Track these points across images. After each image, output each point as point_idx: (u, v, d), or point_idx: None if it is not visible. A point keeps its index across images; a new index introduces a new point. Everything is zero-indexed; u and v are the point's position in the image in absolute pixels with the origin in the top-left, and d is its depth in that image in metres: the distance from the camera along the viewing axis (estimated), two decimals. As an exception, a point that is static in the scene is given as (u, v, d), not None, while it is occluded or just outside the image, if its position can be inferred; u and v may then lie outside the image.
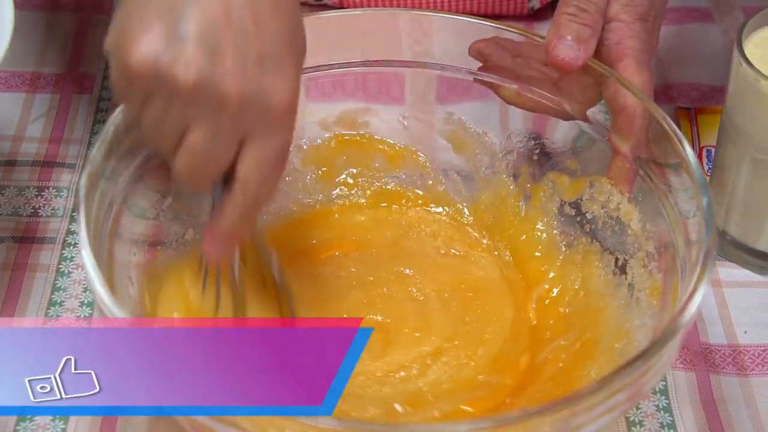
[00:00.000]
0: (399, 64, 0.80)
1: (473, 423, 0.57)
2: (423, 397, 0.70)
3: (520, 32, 0.77)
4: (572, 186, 0.77)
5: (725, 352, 0.78)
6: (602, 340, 0.71)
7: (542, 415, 0.56)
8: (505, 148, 0.80)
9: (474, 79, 0.79)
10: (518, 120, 0.79)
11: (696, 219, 0.66)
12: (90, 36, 1.02)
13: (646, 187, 0.72)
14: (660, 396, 0.75)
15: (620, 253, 0.74)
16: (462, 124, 0.81)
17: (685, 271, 0.65)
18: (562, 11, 0.74)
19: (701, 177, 0.67)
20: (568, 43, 0.72)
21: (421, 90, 0.81)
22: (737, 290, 0.82)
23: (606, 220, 0.75)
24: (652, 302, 0.70)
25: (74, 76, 0.98)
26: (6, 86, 0.97)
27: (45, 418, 0.72)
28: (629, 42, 0.74)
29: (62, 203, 0.87)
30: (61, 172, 0.89)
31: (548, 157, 0.79)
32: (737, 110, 0.78)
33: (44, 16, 1.03)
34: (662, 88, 0.98)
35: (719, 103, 0.88)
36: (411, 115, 0.82)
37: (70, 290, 0.81)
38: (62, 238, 0.84)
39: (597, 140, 0.76)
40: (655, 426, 0.74)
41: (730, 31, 1.03)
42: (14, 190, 0.88)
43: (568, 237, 0.78)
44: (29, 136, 0.92)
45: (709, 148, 0.90)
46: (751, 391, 0.76)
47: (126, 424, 0.72)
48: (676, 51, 1.02)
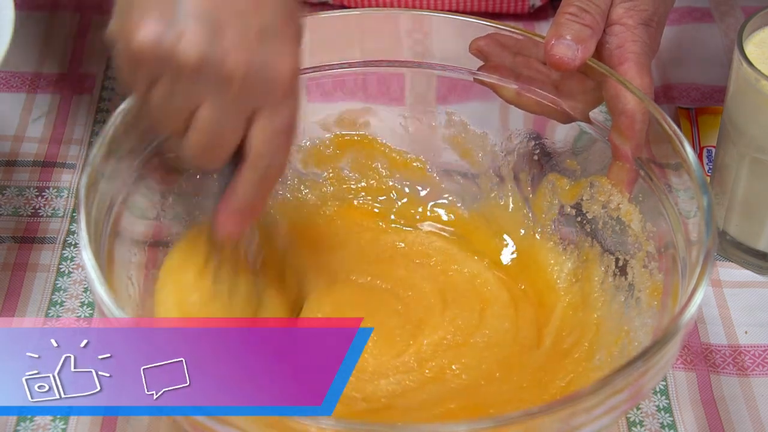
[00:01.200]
0: (399, 64, 0.80)
1: (473, 423, 0.57)
2: (424, 396, 0.70)
3: (520, 32, 0.77)
4: (571, 190, 0.77)
5: (726, 352, 0.78)
6: (602, 340, 0.71)
7: (542, 415, 0.56)
8: (505, 148, 0.80)
9: (474, 80, 0.79)
10: (519, 120, 0.79)
11: (696, 219, 0.66)
12: (90, 36, 1.02)
13: (646, 187, 0.72)
14: (660, 396, 0.75)
15: (621, 253, 0.74)
16: (463, 126, 0.81)
17: (686, 272, 0.65)
18: (563, 11, 0.74)
19: (701, 177, 0.67)
20: (567, 43, 0.72)
21: (421, 90, 0.81)
22: (737, 290, 0.82)
23: (606, 220, 0.75)
24: (653, 302, 0.70)
25: (74, 77, 0.98)
26: (6, 86, 0.97)
27: (45, 418, 0.72)
28: (631, 46, 0.74)
29: (62, 203, 0.87)
30: (62, 172, 0.89)
31: (549, 157, 0.79)
32: (737, 110, 0.78)
33: (44, 17, 1.03)
34: (663, 89, 0.98)
35: (719, 103, 0.88)
36: (411, 115, 0.82)
37: (70, 290, 0.81)
38: (62, 238, 0.84)
39: (597, 140, 0.76)
40: (656, 426, 0.74)
41: (730, 32, 1.03)
42: (14, 191, 0.88)
43: (569, 238, 0.78)
44: (29, 136, 0.93)
45: (710, 148, 0.90)
46: (751, 392, 0.76)
47: (126, 424, 0.72)
48: (676, 51, 1.02)
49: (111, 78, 0.98)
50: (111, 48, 0.62)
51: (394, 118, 0.82)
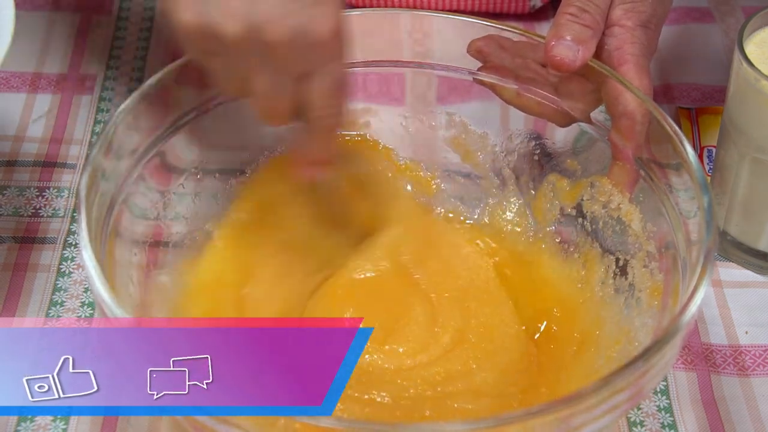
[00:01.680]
0: (400, 64, 0.80)
1: (473, 423, 0.57)
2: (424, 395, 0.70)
3: (520, 32, 0.77)
4: (571, 191, 0.77)
5: (726, 352, 0.78)
6: (603, 341, 0.71)
7: (543, 415, 0.56)
8: (506, 149, 0.80)
9: (474, 80, 0.78)
10: (519, 120, 0.79)
11: (697, 219, 0.66)
12: (91, 36, 1.02)
13: (647, 187, 0.72)
14: (661, 396, 0.75)
15: (621, 253, 0.74)
16: (464, 127, 0.81)
17: (686, 271, 0.65)
18: (563, 11, 0.73)
19: (702, 177, 0.67)
20: (567, 44, 0.72)
21: (421, 90, 0.81)
22: (738, 290, 0.82)
23: (607, 220, 0.75)
24: (653, 302, 0.69)
25: (75, 77, 0.98)
26: (7, 86, 0.97)
27: (45, 418, 0.72)
28: (630, 48, 0.74)
29: (63, 203, 0.87)
30: (62, 172, 0.89)
31: (549, 157, 0.79)
32: (738, 110, 0.78)
33: (45, 17, 1.03)
34: (663, 89, 0.98)
35: (720, 103, 0.88)
36: (412, 115, 0.82)
37: (70, 290, 0.81)
38: (63, 238, 0.84)
39: (597, 141, 0.75)
40: (656, 426, 0.74)
41: (730, 31, 1.03)
42: (15, 191, 0.88)
43: (570, 238, 0.78)
44: (30, 136, 0.92)
45: (710, 148, 0.90)
46: (751, 392, 0.76)
47: (126, 424, 0.72)
48: (676, 51, 1.02)
49: (111, 78, 0.98)
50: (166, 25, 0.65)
51: (395, 119, 0.82)
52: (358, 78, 0.80)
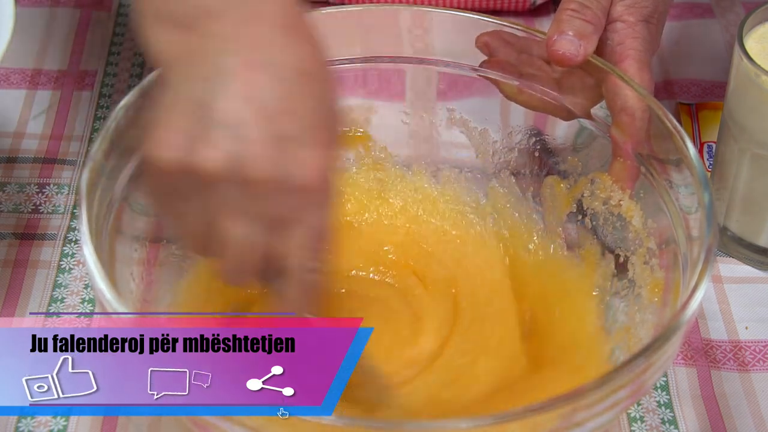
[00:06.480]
0: (400, 60, 0.80)
1: (474, 420, 0.57)
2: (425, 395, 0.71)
3: (522, 28, 0.77)
4: (572, 188, 0.77)
5: (726, 347, 0.78)
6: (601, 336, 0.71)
7: (544, 412, 0.56)
8: (506, 145, 0.80)
9: (477, 75, 0.78)
10: (519, 116, 0.79)
11: (697, 215, 0.66)
12: (91, 32, 1.02)
13: (647, 183, 0.72)
14: (661, 392, 0.75)
15: (622, 250, 0.74)
16: (464, 122, 0.81)
17: (687, 268, 0.65)
18: (565, 7, 0.73)
19: (702, 173, 0.67)
20: (569, 38, 0.72)
21: (421, 86, 0.81)
22: (738, 286, 0.82)
23: (607, 216, 0.75)
24: (654, 299, 0.70)
25: (75, 73, 0.98)
26: (7, 83, 0.97)
27: (46, 417, 0.72)
28: (631, 43, 0.74)
29: (63, 200, 0.87)
30: (62, 168, 0.89)
31: (549, 154, 0.79)
32: (738, 106, 0.78)
33: (45, 13, 1.03)
34: (663, 84, 0.98)
35: (720, 98, 0.88)
36: (412, 111, 0.82)
37: (71, 287, 0.81)
38: (63, 234, 0.84)
39: (598, 136, 0.75)
40: (656, 422, 0.74)
41: (731, 27, 1.03)
42: (15, 187, 0.88)
43: (570, 235, 0.78)
44: (30, 132, 0.92)
45: (710, 143, 0.90)
46: (752, 387, 0.76)
47: (127, 423, 0.72)
48: (677, 47, 1.02)
49: (111, 74, 0.98)
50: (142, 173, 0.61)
51: (395, 115, 0.82)
52: (358, 74, 0.80)
